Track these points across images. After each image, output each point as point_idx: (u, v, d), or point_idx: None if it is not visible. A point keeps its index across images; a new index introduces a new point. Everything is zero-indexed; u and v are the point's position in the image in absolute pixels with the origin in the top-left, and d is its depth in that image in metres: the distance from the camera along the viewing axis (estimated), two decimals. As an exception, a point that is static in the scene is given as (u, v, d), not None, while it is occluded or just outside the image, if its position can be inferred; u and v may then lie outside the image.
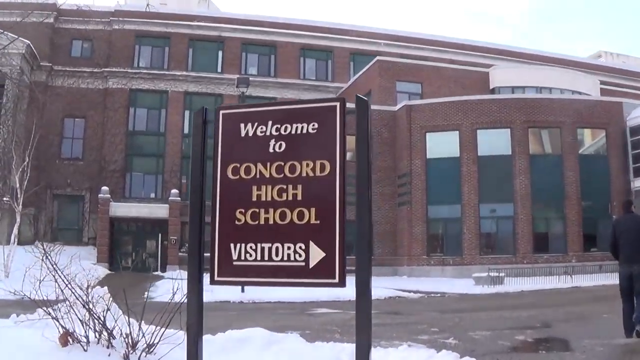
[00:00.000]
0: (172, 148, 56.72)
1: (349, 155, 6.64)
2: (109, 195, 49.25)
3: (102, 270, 39.15)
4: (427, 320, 19.43)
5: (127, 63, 58.58)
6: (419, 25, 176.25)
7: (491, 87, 55.13)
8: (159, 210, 50.00)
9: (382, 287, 32.39)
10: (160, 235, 49.78)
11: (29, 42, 50.63)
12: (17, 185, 36.59)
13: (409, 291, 32.76)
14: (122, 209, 50.05)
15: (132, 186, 56.87)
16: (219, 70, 60.60)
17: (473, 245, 44.04)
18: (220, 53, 61.22)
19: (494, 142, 44.80)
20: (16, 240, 35.57)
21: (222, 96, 57.48)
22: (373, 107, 47.87)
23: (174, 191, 50.77)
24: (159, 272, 43.71)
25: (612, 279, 19.18)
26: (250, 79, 51.08)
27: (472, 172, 44.48)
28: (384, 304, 26.34)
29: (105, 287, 10.74)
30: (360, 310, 6.23)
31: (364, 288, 6.22)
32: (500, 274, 36.41)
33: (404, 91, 52.29)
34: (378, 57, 54.91)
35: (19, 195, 36.39)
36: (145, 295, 11.25)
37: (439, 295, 32.14)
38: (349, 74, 62.32)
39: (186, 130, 55.41)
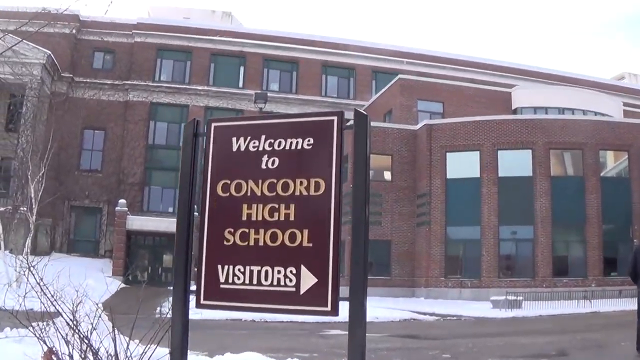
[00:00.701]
0: (191, 163, 56.36)
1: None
2: (126, 208, 49.02)
3: (117, 284, 38.95)
4: (439, 345, 18.97)
5: (149, 76, 58.55)
6: (440, 44, 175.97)
7: (513, 108, 54.64)
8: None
9: (398, 308, 32.05)
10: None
11: (50, 53, 50.64)
12: (32, 195, 36.39)
13: (425, 313, 32.34)
14: (139, 223, 49.73)
15: (150, 200, 56.77)
16: (240, 85, 60.49)
17: (492, 267, 43.47)
18: (241, 68, 61.13)
19: (515, 163, 44.29)
20: (29, 250, 35.30)
21: (242, 112, 57.23)
22: (394, 125, 47.78)
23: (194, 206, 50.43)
24: (174, 287, 43.32)
25: (632, 305, 18.93)
26: (272, 95, 51.04)
27: (493, 193, 43.97)
28: (398, 327, 25.94)
29: (100, 303, 10.34)
30: (354, 342, 5.82)
31: (357, 318, 5.80)
32: (519, 298, 35.87)
33: (425, 110, 51.86)
34: (400, 76, 54.55)
35: (33, 206, 36.16)
36: (158, 310, 10.92)
37: (455, 318, 31.67)
38: (371, 92, 62.00)
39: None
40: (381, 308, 30.70)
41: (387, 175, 46.87)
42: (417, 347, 18.59)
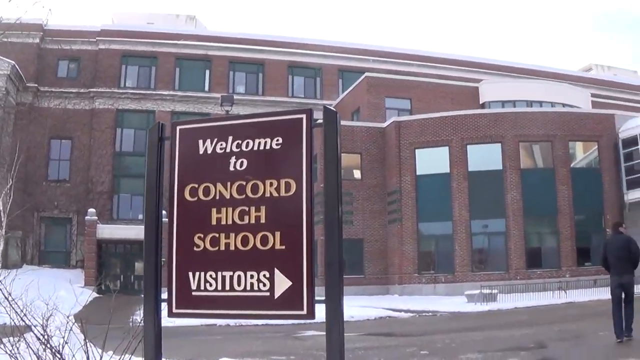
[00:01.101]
0: (159, 169, 56.13)
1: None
2: (96, 217, 48.67)
3: (90, 294, 38.59)
4: (417, 342, 18.85)
5: (114, 83, 58.28)
6: (407, 41, 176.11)
7: (481, 102, 54.76)
8: (147, 232, 49.35)
9: (373, 306, 31.99)
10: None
11: (14, 63, 50.28)
12: (1, 207, 36.01)
13: (400, 310, 32.34)
14: (109, 231, 49.38)
15: (120, 208, 56.53)
16: (206, 89, 60.36)
17: (465, 262, 43.52)
18: (207, 72, 60.99)
19: (485, 157, 44.38)
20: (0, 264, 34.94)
21: (209, 115, 56.82)
22: (362, 124, 47.76)
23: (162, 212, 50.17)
24: (147, 294, 43.09)
25: (607, 294, 19.23)
26: (238, 97, 50.79)
27: (463, 187, 44.02)
28: (374, 325, 25.86)
29: (72, 315, 10.15)
30: (332, 346, 5.66)
31: (334, 322, 5.64)
32: (493, 291, 35.85)
33: (393, 107, 51.90)
34: (367, 74, 54.58)
35: (2, 218, 35.79)
36: (131, 319, 10.76)
37: (430, 314, 31.60)
38: (338, 91, 62.04)
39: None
40: (356, 307, 30.57)
41: (357, 174, 46.83)
42: (394, 345, 18.49)
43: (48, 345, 8.05)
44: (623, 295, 16.04)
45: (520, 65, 67.80)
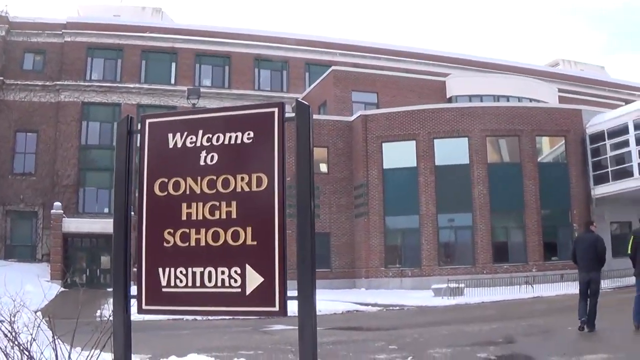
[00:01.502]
0: (125, 162, 55.75)
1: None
2: (61, 211, 48.22)
3: (56, 288, 38.41)
4: (385, 336, 18.85)
5: (80, 76, 57.71)
6: (375, 35, 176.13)
7: (448, 96, 54.83)
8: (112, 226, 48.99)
9: (340, 300, 31.96)
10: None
11: (-21, 56, 49.88)
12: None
13: (367, 304, 32.34)
14: (75, 225, 48.87)
15: (86, 201, 56.03)
16: (173, 82, 59.99)
17: (432, 255, 43.55)
18: (173, 65, 60.62)
19: (452, 151, 44.40)
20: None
21: (175, 108, 56.48)
22: (328, 117, 47.65)
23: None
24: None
25: (574, 288, 19.70)
26: (204, 90, 50.56)
27: (430, 182, 44.04)
28: (341, 319, 25.85)
29: (39, 310, 10.00)
30: (305, 343, 5.59)
31: (307, 319, 5.58)
32: (460, 285, 35.92)
33: (359, 101, 51.83)
34: (333, 67, 54.53)
35: (-34, 212, 35.52)
36: (98, 314, 10.63)
37: (397, 308, 31.64)
38: (305, 85, 61.91)
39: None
40: (324, 301, 30.43)
41: (324, 168, 46.72)
42: (363, 339, 18.47)
43: (16, 343, 7.94)
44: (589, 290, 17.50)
45: (487, 60, 67.99)
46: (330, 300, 31.82)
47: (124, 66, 59.33)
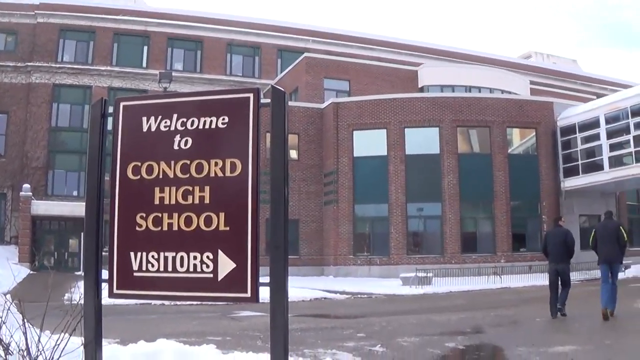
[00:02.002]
0: (95, 145, 55.42)
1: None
2: (30, 193, 47.88)
3: (24, 270, 38.29)
4: (353, 324, 18.84)
5: (51, 57, 57.27)
6: (348, 23, 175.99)
7: (420, 86, 54.96)
8: (82, 209, 48.39)
9: (308, 287, 31.89)
10: (82, 234, 48.56)
11: (-52, 36, 49.45)
12: None
13: (335, 292, 32.29)
14: (44, 207, 48.53)
15: (55, 184, 55.63)
16: (144, 65, 59.65)
17: (400, 244, 43.63)
18: (145, 48, 60.27)
19: (422, 140, 44.46)
20: None
21: (146, 91, 56.23)
22: (300, 104, 47.58)
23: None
24: (82, 272, 42.66)
25: (542, 280, 20.28)
26: (176, 74, 50.36)
27: (400, 170, 44.08)
28: (309, 306, 25.82)
29: (9, 295, 9.93)
30: (276, 331, 5.57)
31: (279, 304, 5.56)
32: (428, 274, 35.98)
33: (331, 88, 51.97)
34: (306, 54, 54.52)
35: None
36: (66, 297, 10.55)
37: (365, 296, 31.65)
38: (277, 71, 61.85)
39: (110, 127, 54.27)
40: (292, 288, 29.94)
41: (294, 154, 46.58)
42: (331, 327, 18.44)
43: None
44: (559, 281, 18.63)
45: (459, 51, 68.14)
46: (299, 287, 31.75)
47: (96, 48, 58.92)
